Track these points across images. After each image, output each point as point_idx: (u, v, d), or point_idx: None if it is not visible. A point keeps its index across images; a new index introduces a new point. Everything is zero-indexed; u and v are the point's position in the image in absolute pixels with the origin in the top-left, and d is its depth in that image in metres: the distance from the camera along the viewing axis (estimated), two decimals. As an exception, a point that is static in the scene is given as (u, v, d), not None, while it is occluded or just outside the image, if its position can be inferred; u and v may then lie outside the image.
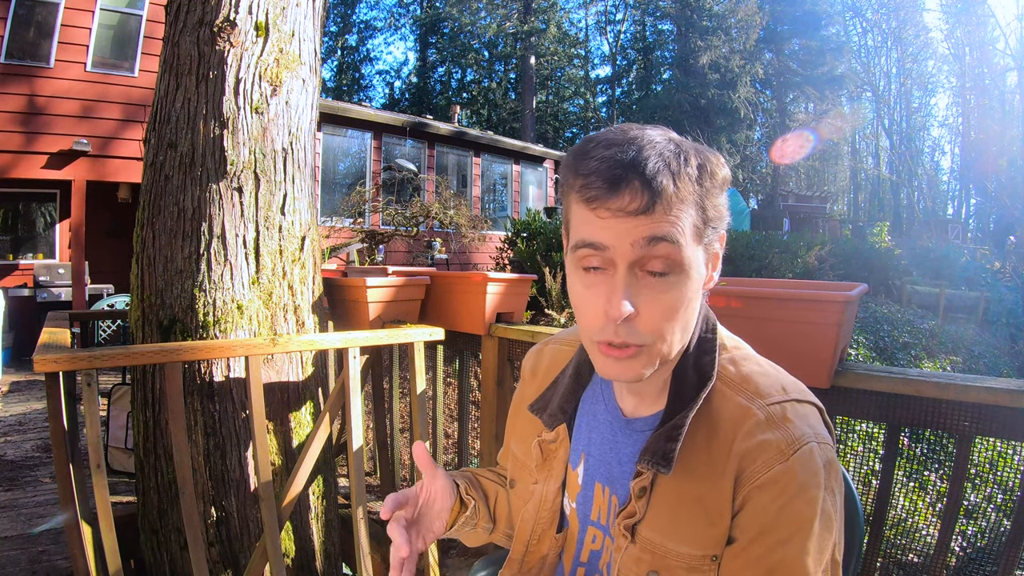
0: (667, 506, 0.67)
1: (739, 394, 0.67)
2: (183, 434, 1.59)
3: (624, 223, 0.59)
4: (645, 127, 0.64)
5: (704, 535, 0.65)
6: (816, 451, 0.62)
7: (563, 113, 25.02)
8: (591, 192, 0.60)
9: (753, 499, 0.62)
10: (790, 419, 0.64)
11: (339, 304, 2.31)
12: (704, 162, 0.62)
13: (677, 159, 0.60)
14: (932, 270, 10.98)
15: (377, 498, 2.71)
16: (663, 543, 0.67)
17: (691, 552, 0.65)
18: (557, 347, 0.90)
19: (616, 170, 0.59)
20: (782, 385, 0.67)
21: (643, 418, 0.73)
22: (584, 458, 0.78)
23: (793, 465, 0.61)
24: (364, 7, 25.36)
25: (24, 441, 3.61)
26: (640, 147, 0.60)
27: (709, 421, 0.67)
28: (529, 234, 6.41)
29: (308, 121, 2.06)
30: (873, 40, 25.14)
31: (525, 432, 0.87)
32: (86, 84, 6.20)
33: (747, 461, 0.63)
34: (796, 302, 1.28)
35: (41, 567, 2.12)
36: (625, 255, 0.60)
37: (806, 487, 0.60)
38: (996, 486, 2.88)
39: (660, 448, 0.66)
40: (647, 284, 0.61)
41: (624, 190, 0.59)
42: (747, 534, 0.62)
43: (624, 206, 0.59)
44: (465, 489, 0.85)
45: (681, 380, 0.69)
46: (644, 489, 0.68)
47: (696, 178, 0.61)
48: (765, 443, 0.62)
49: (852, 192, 26.63)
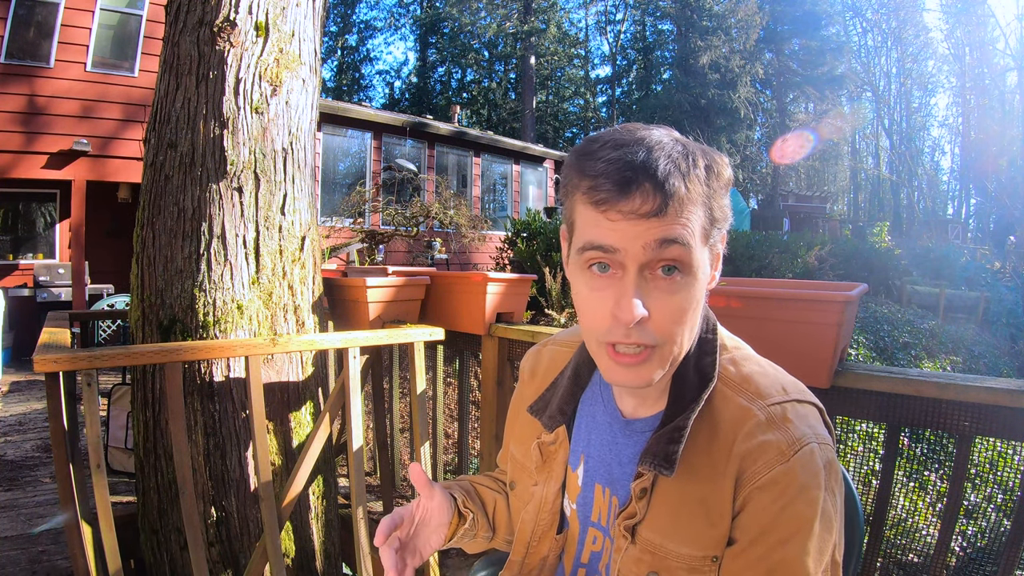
0: (668, 507, 0.67)
1: (740, 395, 0.67)
2: (183, 434, 1.58)
3: (636, 226, 0.59)
4: (650, 127, 0.63)
5: (705, 536, 0.64)
6: (817, 452, 0.62)
7: (563, 113, 25.02)
8: (600, 195, 0.59)
9: (754, 500, 0.62)
10: (790, 420, 0.64)
11: (339, 304, 2.31)
12: (711, 163, 0.62)
13: (686, 160, 0.60)
14: (932, 270, 10.98)
15: (377, 498, 2.71)
16: (663, 544, 0.67)
17: (691, 553, 0.65)
18: (556, 348, 0.89)
19: (626, 172, 0.58)
20: (782, 385, 0.67)
21: (643, 419, 0.73)
22: (584, 459, 0.78)
23: (794, 466, 0.61)
24: (364, 7, 25.40)
25: (24, 441, 3.61)
26: (649, 148, 0.59)
27: (710, 422, 0.67)
28: (529, 234, 6.41)
29: (308, 121, 2.06)
30: (873, 40, 25.18)
31: (524, 434, 0.87)
32: (86, 84, 6.20)
33: (748, 462, 0.63)
34: (796, 302, 1.28)
35: (41, 567, 2.12)
36: (636, 257, 0.60)
37: (807, 488, 0.60)
38: (996, 486, 2.88)
39: (662, 450, 0.65)
40: (657, 286, 0.61)
41: (635, 192, 0.58)
42: (748, 534, 0.62)
43: (636, 208, 0.58)
44: (463, 502, 0.85)
45: (682, 381, 0.69)
46: (645, 490, 0.68)
47: (704, 179, 0.61)
48: (766, 444, 0.62)
49: (852, 192, 26.63)
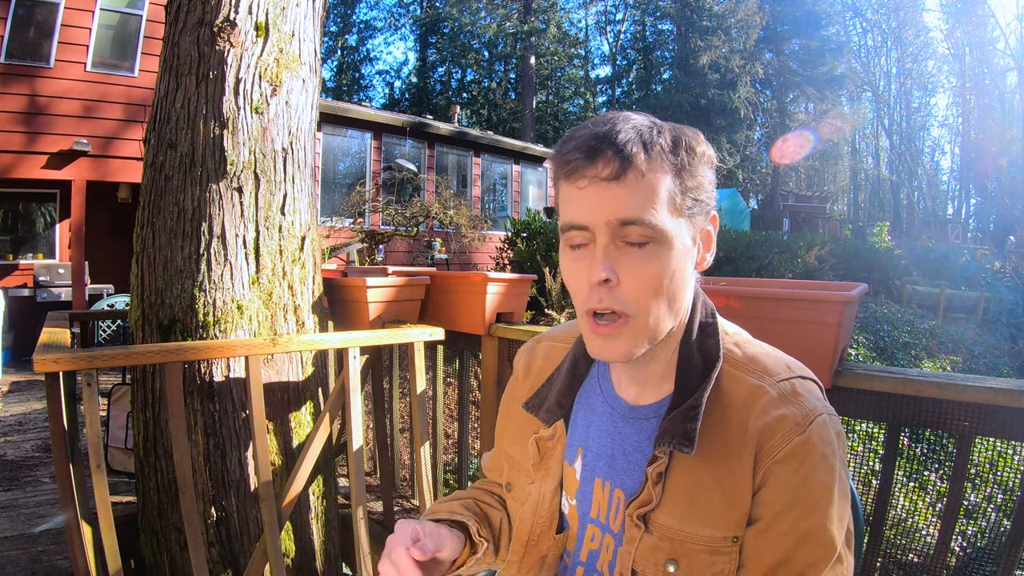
0: (683, 490, 0.67)
1: (748, 374, 0.68)
2: (183, 434, 1.59)
3: (601, 192, 0.63)
4: (630, 113, 0.67)
5: (724, 516, 0.65)
6: (829, 422, 0.65)
7: (563, 113, 25.00)
8: (571, 165, 0.64)
9: (775, 473, 0.63)
10: (800, 394, 0.66)
11: (339, 304, 2.31)
12: (680, 135, 0.66)
13: (650, 132, 0.64)
14: (932, 270, 10.98)
15: (377, 498, 2.71)
16: (681, 528, 0.67)
17: (712, 534, 0.65)
18: (551, 344, 0.89)
19: (592, 142, 0.63)
20: (787, 364, 0.70)
21: (647, 405, 0.74)
22: (582, 453, 0.78)
23: (811, 436, 0.63)
24: (364, 7, 25.37)
25: (24, 441, 3.61)
26: (615, 123, 0.64)
27: (719, 403, 0.68)
28: (529, 234, 6.40)
29: (308, 121, 2.06)
30: (873, 40, 25.18)
31: (520, 432, 0.86)
32: (86, 84, 6.20)
33: (765, 436, 0.64)
34: (796, 302, 1.28)
35: (41, 567, 2.12)
36: (602, 232, 0.64)
37: (825, 457, 0.63)
38: (996, 486, 2.88)
39: (679, 428, 0.66)
40: (627, 254, 0.64)
41: (599, 159, 0.63)
42: (773, 508, 0.63)
43: (598, 173, 0.63)
44: (476, 531, 0.82)
45: (687, 364, 0.70)
46: (661, 474, 0.68)
47: (670, 149, 0.64)
48: (782, 418, 0.64)
49: (852, 192, 26.63)
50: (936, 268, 11.05)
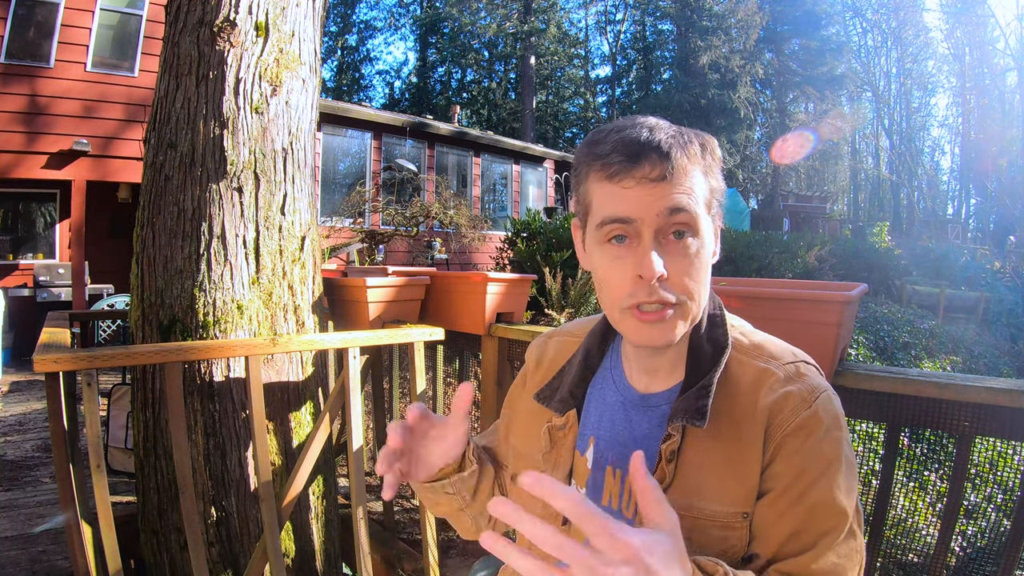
0: (694, 467, 0.70)
1: (756, 359, 0.73)
2: (183, 434, 1.59)
3: (648, 192, 0.67)
4: (647, 117, 0.72)
5: (734, 491, 0.68)
6: (832, 399, 0.70)
7: (563, 113, 24.99)
8: (614, 167, 0.67)
9: (785, 446, 0.67)
10: (804, 374, 0.71)
11: (339, 304, 2.31)
12: (704, 142, 0.71)
13: (682, 137, 0.69)
14: (932, 270, 10.97)
15: (377, 498, 2.71)
16: (693, 504, 0.69)
17: (722, 509, 0.68)
18: (563, 339, 0.91)
19: (633, 147, 0.67)
20: (791, 350, 0.75)
21: (659, 393, 0.76)
22: (593, 442, 0.79)
23: (817, 410, 0.67)
24: (364, 7, 25.35)
25: (24, 441, 3.61)
26: (650, 128, 0.69)
27: (728, 386, 0.71)
28: (529, 234, 6.40)
29: (308, 121, 2.06)
30: (873, 40, 25.16)
31: (529, 424, 0.87)
32: (86, 84, 6.20)
33: (775, 412, 0.68)
34: (796, 302, 1.28)
35: (41, 567, 2.12)
36: (650, 224, 0.67)
37: (830, 429, 0.67)
38: (996, 486, 2.88)
39: (692, 406, 0.69)
40: (671, 249, 0.68)
41: (644, 161, 0.67)
42: (783, 480, 0.66)
43: (647, 174, 0.67)
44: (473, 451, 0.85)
45: (697, 352, 0.74)
46: (674, 452, 0.70)
47: (700, 154, 0.70)
48: (789, 394, 0.68)
49: (852, 192, 26.62)
50: (936, 268, 11.05)
